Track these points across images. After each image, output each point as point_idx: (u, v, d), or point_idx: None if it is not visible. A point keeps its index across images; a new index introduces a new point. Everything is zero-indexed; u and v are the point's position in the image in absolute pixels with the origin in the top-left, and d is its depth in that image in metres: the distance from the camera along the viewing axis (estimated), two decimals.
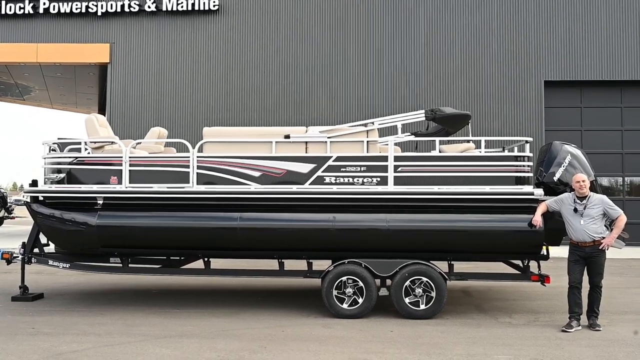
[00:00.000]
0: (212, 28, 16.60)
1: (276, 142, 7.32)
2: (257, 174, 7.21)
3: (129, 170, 7.35)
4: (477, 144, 7.71)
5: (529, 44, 16.03)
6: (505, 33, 16.10)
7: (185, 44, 16.62)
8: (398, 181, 7.07)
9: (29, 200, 7.71)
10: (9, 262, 8.10)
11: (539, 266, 7.38)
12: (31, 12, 16.75)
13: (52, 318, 7.03)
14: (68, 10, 16.61)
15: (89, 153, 7.65)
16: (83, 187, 7.44)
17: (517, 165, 7.12)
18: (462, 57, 16.11)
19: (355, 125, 7.60)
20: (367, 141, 7.33)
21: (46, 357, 5.40)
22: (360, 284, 7.00)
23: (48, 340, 5.99)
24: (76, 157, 7.57)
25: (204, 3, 16.42)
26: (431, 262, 7.11)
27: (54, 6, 16.63)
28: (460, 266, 7.64)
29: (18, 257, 8.02)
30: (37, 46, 16.73)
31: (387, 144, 7.23)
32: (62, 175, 7.53)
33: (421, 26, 16.23)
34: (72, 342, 5.90)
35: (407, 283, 6.96)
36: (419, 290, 6.95)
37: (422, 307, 6.96)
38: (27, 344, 5.85)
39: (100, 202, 7.40)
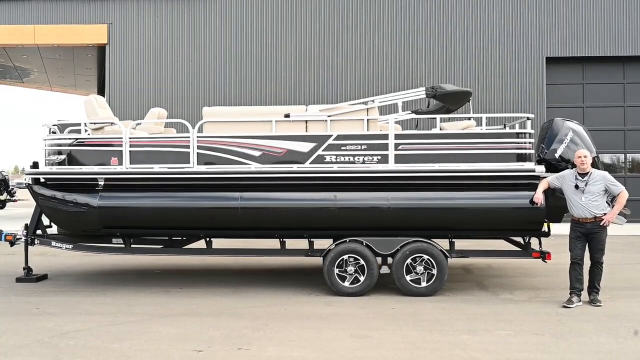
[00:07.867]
0: (210, 7, 16.41)
1: (276, 121, 7.28)
2: (257, 153, 7.19)
3: (129, 151, 7.33)
4: (478, 121, 7.67)
5: (530, 19, 15.85)
6: (507, 9, 15.90)
7: (183, 24, 16.46)
8: (399, 159, 7.05)
9: (30, 182, 7.72)
10: (12, 244, 8.15)
11: (540, 243, 7.40)
12: None
13: (56, 298, 7.09)
14: None
15: (89, 134, 7.63)
16: (84, 169, 7.44)
17: (518, 142, 7.09)
18: (463, 33, 15.95)
19: (355, 104, 7.55)
20: (368, 119, 7.30)
21: (51, 336, 5.45)
22: (362, 262, 7.03)
23: (53, 320, 6.05)
24: (76, 139, 7.56)
25: None
26: (432, 239, 7.13)
27: None
28: (461, 244, 7.66)
29: (21, 239, 8.07)
30: (35, 28, 16.58)
31: (388, 122, 7.19)
32: (63, 156, 7.53)
33: (421, 2, 16.03)
34: (76, 322, 5.96)
35: (409, 261, 6.99)
36: (420, 268, 6.98)
37: (424, 284, 7.00)
38: (32, 324, 5.90)
39: (101, 183, 7.40)
